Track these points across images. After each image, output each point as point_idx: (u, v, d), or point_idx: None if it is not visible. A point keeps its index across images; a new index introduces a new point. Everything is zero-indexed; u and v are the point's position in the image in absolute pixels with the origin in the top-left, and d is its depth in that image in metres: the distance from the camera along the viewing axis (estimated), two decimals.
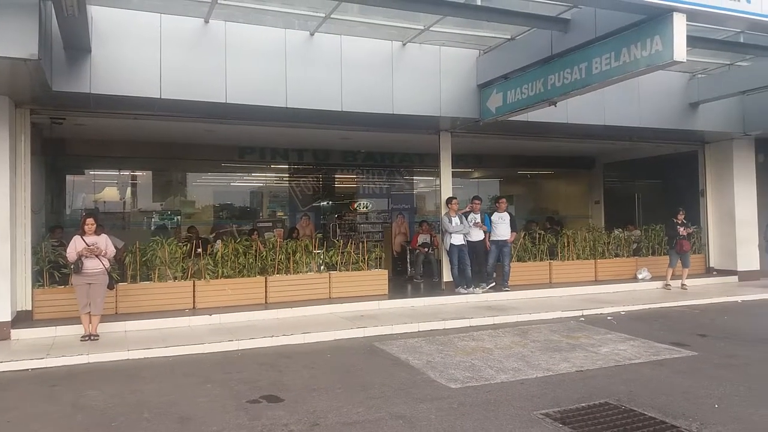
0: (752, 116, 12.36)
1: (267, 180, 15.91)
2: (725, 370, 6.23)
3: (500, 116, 9.73)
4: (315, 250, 10.51)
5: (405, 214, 15.26)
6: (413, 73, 9.73)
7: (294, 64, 8.94)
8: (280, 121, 10.19)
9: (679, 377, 5.96)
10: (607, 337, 7.91)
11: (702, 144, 13.98)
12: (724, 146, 13.59)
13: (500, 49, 9.67)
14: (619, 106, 11.12)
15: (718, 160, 13.82)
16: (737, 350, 7.09)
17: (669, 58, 6.52)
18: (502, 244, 11.36)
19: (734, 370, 6.20)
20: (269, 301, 9.80)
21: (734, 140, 13.32)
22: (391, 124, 10.62)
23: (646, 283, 12.43)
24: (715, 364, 6.47)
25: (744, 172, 13.51)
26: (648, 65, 6.82)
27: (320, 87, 9.10)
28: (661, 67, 6.90)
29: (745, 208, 13.47)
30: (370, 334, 8.24)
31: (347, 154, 15.33)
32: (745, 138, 13.25)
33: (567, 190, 19.37)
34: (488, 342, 7.75)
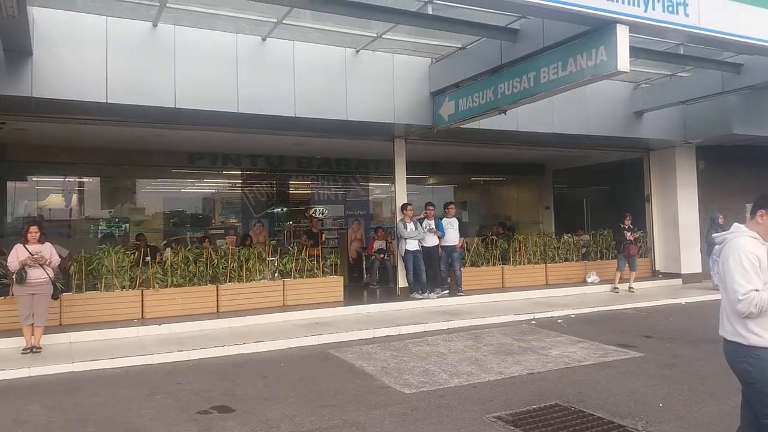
0: (693, 124, 12.90)
1: (219, 186, 15.67)
2: (669, 369, 6.45)
3: (452, 124, 9.86)
4: (269, 258, 10.39)
5: (361, 221, 15.27)
6: (367, 80, 9.76)
7: (246, 70, 8.84)
8: (232, 126, 10.04)
9: (627, 378, 6.14)
10: (557, 340, 8.09)
11: (647, 151, 14.50)
12: (667, 153, 14.13)
13: (452, 57, 9.81)
14: (567, 114, 11.43)
15: (662, 167, 14.35)
16: (681, 350, 7.36)
17: (613, 68, 6.74)
18: (451, 250, 11.49)
19: (678, 370, 6.43)
20: (221, 309, 9.62)
21: (677, 148, 13.86)
22: (345, 130, 10.61)
23: (595, 287, 12.77)
24: (660, 364, 6.69)
25: (686, 179, 14.07)
26: (593, 75, 7.04)
27: (273, 92, 9.03)
28: (606, 76, 7.13)
29: (687, 213, 14.02)
30: (325, 342, 8.19)
31: (302, 160, 15.25)
32: (687, 145, 13.81)
33: (518, 196, 19.77)
34: (442, 346, 7.80)
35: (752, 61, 10.12)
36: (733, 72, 10.41)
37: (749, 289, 2.95)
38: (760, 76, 10.20)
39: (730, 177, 14.41)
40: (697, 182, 14.15)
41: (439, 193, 18.41)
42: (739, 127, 12.12)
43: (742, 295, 2.97)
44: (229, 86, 8.73)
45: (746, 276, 2.97)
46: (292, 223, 16.07)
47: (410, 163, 11.82)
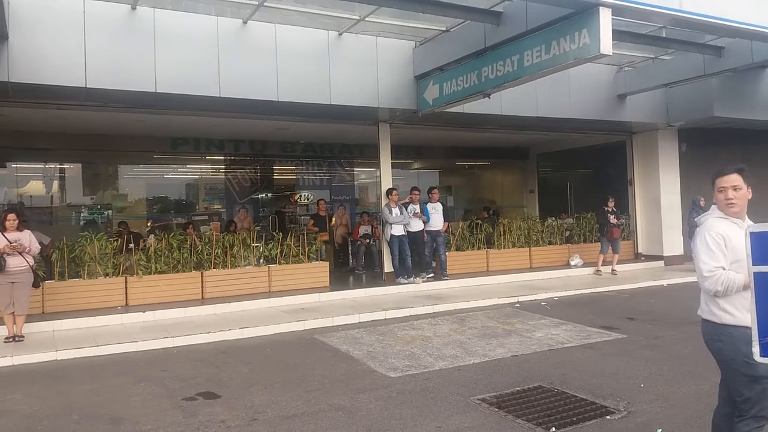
0: (675, 107, 13.00)
1: (202, 172, 15.56)
2: (651, 351, 6.55)
3: (437, 108, 9.83)
4: (253, 244, 10.36)
5: (346, 206, 15.24)
6: (350, 63, 9.69)
7: (227, 53, 8.73)
8: (213, 111, 9.98)
9: (609, 359, 6.23)
10: (541, 323, 8.17)
11: (630, 134, 14.60)
12: (649, 136, 14.23)
13: (436, 40, 9.76)
14: (550, 98, 11.45)
15: (644, 150, 14.46)
16: (662, 332, 7.47)
17: (596, 51, 6.75)
18: (436, 234, 11.52)
19: (659, 351, 6.53)
20: (206, 296, 9.60)
21: (659, 131, 13.97)
22: (328, 114, 10.56)
23: (578, 270, 12.91)
24: (641, 345, 6.80)
25: (668, 161, 14.20)
26: (576, 58, 7.04)
27: (255, 76, 8.94)
28: (589, 59, 7.15)
29: (669, 196, 14.17)
30: (310, 327, 8.21)
31: (285, 144, 15.16)
32: (669, 128, 13.93)
33: (503, 180, 19.85)
34: (428, 330, 7.86)
35: (733, 44, 10.21)
36: (715, 55, 10.49)
37: (714, 266, 2.99)
38: (740, 59, 10.29)
39: (712, 159, 14.50)
40: (679, 165, 14.30)
41: (425, 177, 18.44)
42: (721, 109, 12.23)
43: (707, 272, 3.01)
44: (210, 70, 8.62)
45: (710, 254, 3.01)
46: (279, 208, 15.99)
47: (395, 147, 11.78)
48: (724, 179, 3.09)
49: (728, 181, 3.08)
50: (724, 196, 3.07)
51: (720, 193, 3.09)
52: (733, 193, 3.06)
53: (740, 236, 3.00)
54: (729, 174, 3.09)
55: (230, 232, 11.38)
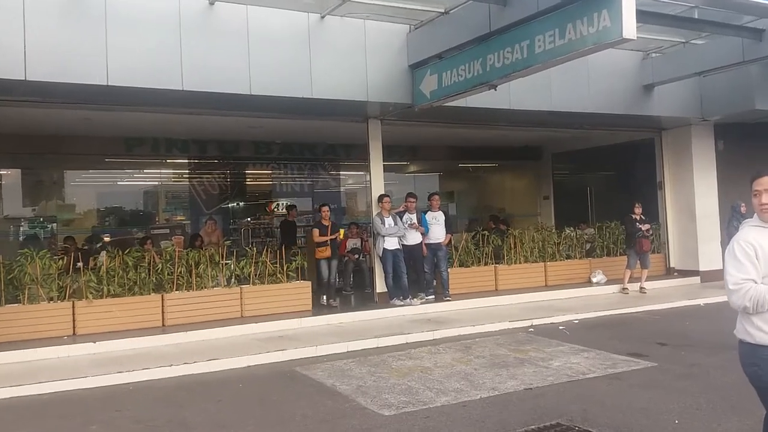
0: (710, 100, 13.10)
1: (163, 178, 15.55)
2: (686, 381, 6.56)
3: (435, 101, 9.87)
4: (223, 261, 10.32)
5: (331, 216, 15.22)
6: (335, 50, 9.72)
7: (191, 39, 8.73)
8: (176, 107, 9.96)
9: (637, 391, 6.22)
10: (558, 350, 8.17)
11: (658, 131, 14.71)
12: (681, 133, 14.34)
13: (433, 24, 9.81)
14: (566, 89, 11.52)
15: (676, 149, 14.57)
16: (699, 359, 7.48)
17: (618, 35, 6.79)
18: (436, 248, 11.54)
19: (695, 381, 6.54)
20: (167, 323, 9.55)
21: (692, 126, 14.07)
22: (310, 110, 10.57)
23: (601, 287, 12.94)
24: (675, 375, 6.80)
25: (703, 162, 14.29)
26: (595, 43, 7.09)
27: (224, 66, 8.95)
28: (609, 45, 7.19)
29: (705, 201, 14.25)
30: (290, 358, 8.16)
31: (260, 145, 15.17)
32: (704, 124, 14.02)
33: (513, 184, 19.93)
34: (427, 360, 7.84)
35: None
36: (755, 39, 10.56)
37: (741, 278, 3.04)
38: None
39: (754, 159, 14.53)
40: (716, 165, 14.38)
41: (422, 182, 18.50)
42: (763, 101, 12.32)
43: (733, 285, 3.06)
44: (171, 59, 8.61)
45: (737, 265, 3.06)
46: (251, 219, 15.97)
47: (387, 147, 11.81)
48: (759, 181, 3.13)
49: (763, 183, 3.12)
50: (758, 201, 3.13)
51: (755, 197, 3.15)
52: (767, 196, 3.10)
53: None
54: (764, 175, 3.13)
55: (196, 247, 11.33)
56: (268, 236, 15.43)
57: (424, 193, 13.11)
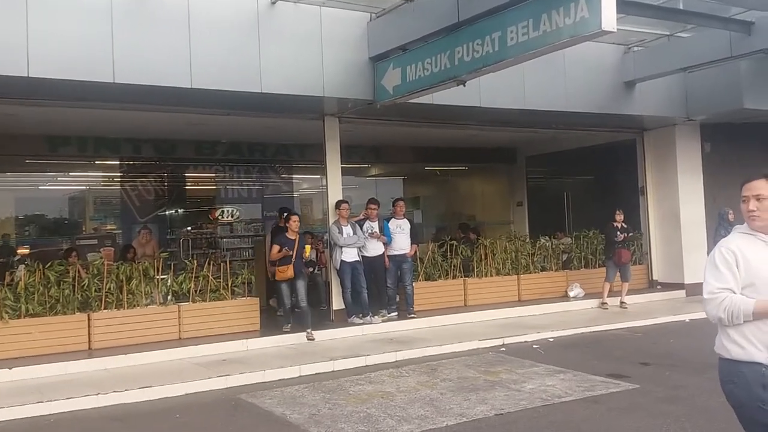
0: (696, 98, 13.40)
1: (91, 182, 15.33)
2: (670, 404, 6.69)
3: (399, 97, 9.91)
4: (158, 275, 10.20)
5: None
6: (287, 40, 9.70)
7: (124, 27, 8.61)
8: (106, 102, 9.86)
9: (617, 416, 6.33)
10: (532, 371, 8.26)
11: (640, 131, 15.01)
12: (665, 134, 14.65)
13: (396, 12, 9.86)
14: (541, 86, 11.68)
15: (659, 151, 14.87)
16: (684, 380, 7.64)
17: (596, 27, 6.92)
18: (400, 260, 11.57)
19: (680, 404, 6.68)
20: (95, 346, 9.38)
21: (677, 126, 14.39)
22: (259, 106, 10.54)
23: (578, 302, 13.14)
24: (658, 397, 6.93)
25: (689, 165, 14.60)
26: (572, 35, 7.21)
27: (161, 57, 8.86)
28: (588, 37, 7.32)
29: (691, 208, 14.53)
30: (235, 384, 8.10)
31: (202, 145, 15.03)
32: (689, 124, 14.34)
33: (484, 189, 20.11)
34: (389, 384, 7.85)
35: (765, 19, 10.58)
36: (743, 32, 10.85)
37: (716, 287, 3.16)
38: None
39: (743, 162, 14.98)
40: (703, 169, 14.71)
41: (385, 187, 18.57)
42: (752, 100, 12.63)
43: (707, 294, 3.19)
44: (101, 48, 8.49)
45: (715, 274, 3.19)
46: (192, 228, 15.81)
47: (346, 148, 11.83)
48: (748, 186, 3.25)
49: (751, 188, 3.24)
50: (746, 207, 3.24)
51: (743, 203, 3.26)
52: (756, 203, 3.21)
53: (764, 254, 3.14)
54: (753, 180, 3.25)
55: (128, 260, 11.17)
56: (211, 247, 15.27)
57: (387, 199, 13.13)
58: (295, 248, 10.32)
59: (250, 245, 15.62)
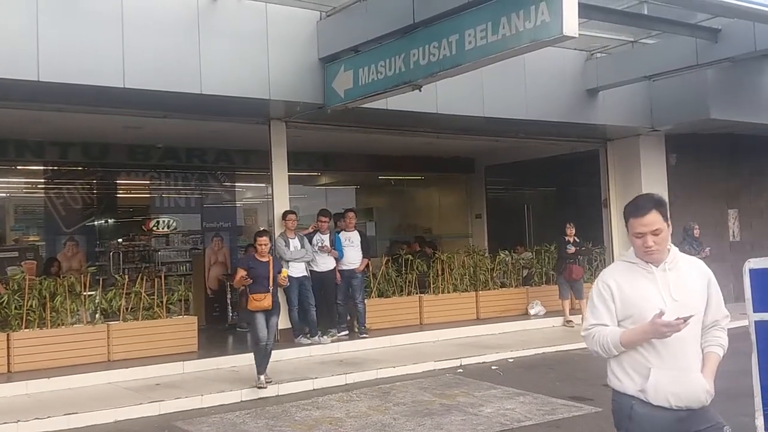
0: (661, 107, 13.73)
1: (11, 188, 15.02)
2: None
3: (351, 102, 9.96)
4: (86, 292, 10.04)
5: (225, 236, 15.04)
6: (229, 38, 9.69)
7: (51, 20, 8.51)
8: (29, 101, 9.72)
9: None
10: (491, 393, 8.35)
11: (603, 142, 15.31)
12: (629, 144, 14.96)
13: (348, 11, 9.92)
14: (500, 92, 11.85)
15: (622, 162, 15.18)
16: None
17: (557, 32, 7.06)
18: (350, 275, 11.59)
19: None
20: (14, 368, 9.22)
21: (641, 137, 14.72)
22: (199, 108, 10.50)
23: (539, 320, 13.34)
24: None
25: (654, 177, 14.90)
26: (533, 40, 7.35)
27: (92, 54, 8.76)
28: (548, 42, 7.48)
29: None
30: (169, 411, 8.04)
31: (137, 150, 14.80)
32: (654, 134, 14.69)
33: (441, 200, 20.24)
34: (338, 409, 7.86)
35: (731, 26, 10.93)
36: (710, 39, 11.18)
37: (590, 323, 3.33)
38: (740, 46, 11.02)
39: (709, 175, 15.45)
40: (668, 182, 15.03)
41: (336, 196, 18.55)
42: (718, 110, 13.02)
43: (583, 331, 3.39)
44: (25, 43, 8.36)
45: (591, 309, 3.36)
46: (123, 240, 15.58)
47: (294, 155, 11.82)
48: (640, 222, 3.24)
49: (646, 224, 3.23)
50: (642, 243, 3.26)
51: (638, 238, 3.27)
52: (654, 238, 3.24)
53: (641, 284, 3.26)
54: (646, 214, 3.23)
55: (52, 274, 10.96)
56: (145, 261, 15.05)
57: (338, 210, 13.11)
58: (269, 273, 8.89)
59: (188, 259, 15.42)
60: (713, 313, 3.30)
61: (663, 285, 3.22)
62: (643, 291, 3.23)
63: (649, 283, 3.24)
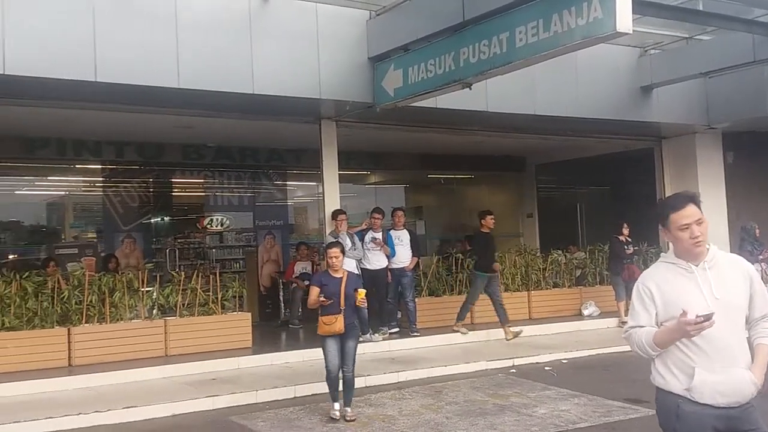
0: (717, 104, 13.44)
1: (70, 187, 15.33)
2: None
3: (400, 101, 9.97)
4: (143, 288, 10.23)
5: (276, 234, 15.18)
6: (281, 39, 9.77)
7: (106, 21, 8.65)
8: (87, 101, 9.88)
9: None
10: (544, 394, 8.28)
11: (658, 140, 15.06)
12: (685, 142, 14.69)
13: (398, 10, 9.93)
14: (552, 90, 11.73)
15: (678, 161, 14.92)
16: None
17: (611, 28, 6.98)
18: (400, 274, 11.59)
19: None
20: (75, 362, 9.42)
21: (697, 135, 14.43)
22: (251, 108, 10.60)
23: (593, 321, 13.17)
24: None
25: (710, 176, 14.59)
26: (585, 37, 7.27)
27: (147, 55, 8.91)
28: (601, 39, 7.40)
29: (713, 222, 14.39)
30: (225, 405, 8.13)
31: (190, 149, 15.04)
32: (710, 132, 14.38)
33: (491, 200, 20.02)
34: (390, 407, 7.89)
35: None
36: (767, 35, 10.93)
37: (629, 326, 3.39)
38: None
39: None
40: (725, 181, 14.74)
41: (385, 195, 18.55)
42: None
43: (623, 333, 3.45)
44: (82, 44, 8.52)
45: (632, 312, 3.43)
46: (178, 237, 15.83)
47: (344, 154, 11.87)
48: (682, 214, 3.27)
49: (689, 215, 3.26)
50: (689, 234, 3.26)
51: (683, 231, 3.27)
52: (699, 228, 3.26)
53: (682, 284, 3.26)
54: (685, 206, 3.28)
55: (110, 271, 11.19)
56: (200, 258, 15.28)
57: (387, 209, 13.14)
58: (341, 291, 7.40)
59: (241, 256, 15.62)
60: (760, 307, 3.33)
61: (704, 284, 3.24)
62: (684, 291, 3.25)
63: (690, 283, 3.26)
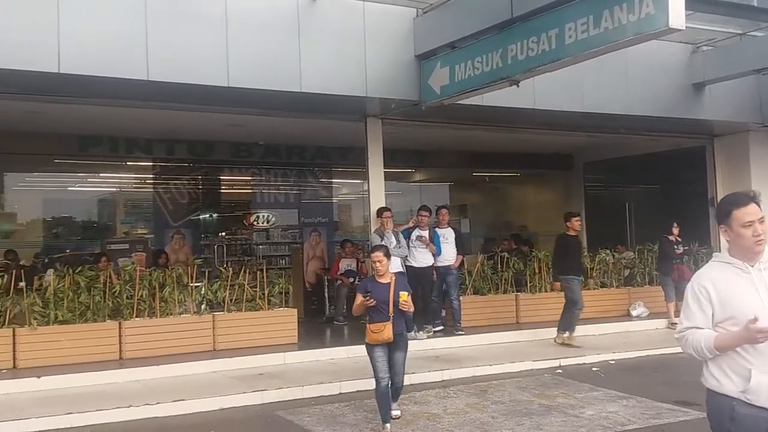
0: None
1: (122, 183, 15.58)
2: None
3: (446, 98, 9.94)
4: (192, 283, 10.36)
5: (322, 231, 15.26)
6: (328, 37, 9.81)
7: (159, 22, 8.78)
8: (139, 100, 10.03)
9: None
10: (592, 396, 8.20)
11: (710, 138, 14.79)
12: (738, 141, 14.41)
13: (445, 7, 9.90)
14: (601, 87, 11.59)
15: (731, 159, 14.63)
16: None
17: (663, 24, 6.88)
18: (446, 272, 11.56)
19: None
20: (126, 355, 9.57)
21: (751, 133, 14.13)
22: (298, 106, 10.66)
23: (642, 322, 12.99)
24: None
25: (764, 174, 14.21)
26: (636, 33, 7.18)
27: (196, 53, 9.01)
28: (653, 36, 7.28)
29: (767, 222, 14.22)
30: (272, 400, 8.20)
31: (238, 147, 15.21)
32: (764, 130, 14.06)
33: (538, 198, 19.95)
34: (435, 405, 7.87)
35: None
36: None
37: (684, 326, 3.30)
38: None
39: None
40: None
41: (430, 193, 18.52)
42: None
43: (677, 333, 3.35)
44: (134, 43, 8.65)
45: (686, 312, 3.35)
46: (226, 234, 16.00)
47: (390, 151, 11.86)
48: (744, 211, 3.23)
49: (751, 213, 3.23)
50: (752, 231, 3.22)
51: (747, 228, 3.23)
52: (762, 226, 3.22)
53: (738, 284, 3.20)
54: (748, 204, 3.25)
55: (160, 266, 11.36)
56: (247, 254, 15.43)
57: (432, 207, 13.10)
58: (389, 298, 6.86)
59: (287, 253, 15.74)
60: None
61: (759, 285, 3.19)
62: (739, 291, 3.20)
63: (746, 283, 3.21)
